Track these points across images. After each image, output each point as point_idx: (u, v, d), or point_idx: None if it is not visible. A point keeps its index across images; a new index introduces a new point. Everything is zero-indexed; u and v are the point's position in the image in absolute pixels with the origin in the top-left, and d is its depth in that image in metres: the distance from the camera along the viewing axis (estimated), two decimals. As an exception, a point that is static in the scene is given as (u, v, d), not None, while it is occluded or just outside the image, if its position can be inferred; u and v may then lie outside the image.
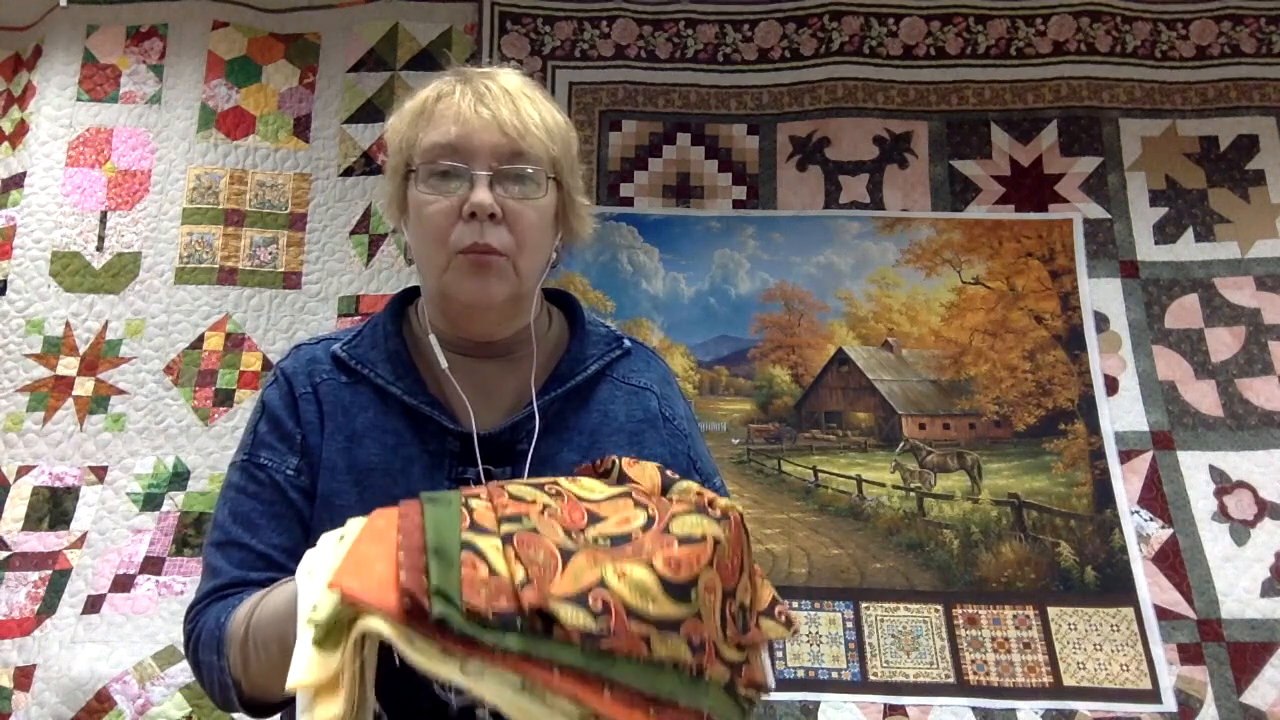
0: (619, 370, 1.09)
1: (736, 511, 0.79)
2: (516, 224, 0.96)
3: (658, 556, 0.71)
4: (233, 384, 2.34)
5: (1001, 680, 2.02)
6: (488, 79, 0.99)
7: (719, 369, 2.43)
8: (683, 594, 0.70)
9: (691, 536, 0.74)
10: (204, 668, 0.91)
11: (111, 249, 2.42)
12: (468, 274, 0.95)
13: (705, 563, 0.72)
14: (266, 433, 1.01)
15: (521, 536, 0.71)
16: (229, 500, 1.00)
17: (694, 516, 0.77)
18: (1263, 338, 2.33)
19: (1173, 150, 2.51)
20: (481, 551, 0.69)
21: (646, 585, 0.69)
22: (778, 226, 2.52)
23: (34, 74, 2.56)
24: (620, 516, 0.77)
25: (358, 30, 2.61)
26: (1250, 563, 2.11)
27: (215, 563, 0.97)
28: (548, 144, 0.98)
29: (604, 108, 2.60)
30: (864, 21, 2.61)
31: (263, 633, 0.84)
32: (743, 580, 0.79)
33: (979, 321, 2.43)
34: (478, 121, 0.95)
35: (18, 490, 2.22)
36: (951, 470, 2.29)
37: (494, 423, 1.01)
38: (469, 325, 1.03)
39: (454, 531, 0.70)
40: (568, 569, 0.69)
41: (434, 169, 0.96)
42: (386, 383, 1.01)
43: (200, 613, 0.94)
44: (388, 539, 0.71)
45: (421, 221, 0.97)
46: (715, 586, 0.73)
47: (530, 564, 0.68)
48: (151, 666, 1.99)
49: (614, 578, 0.69)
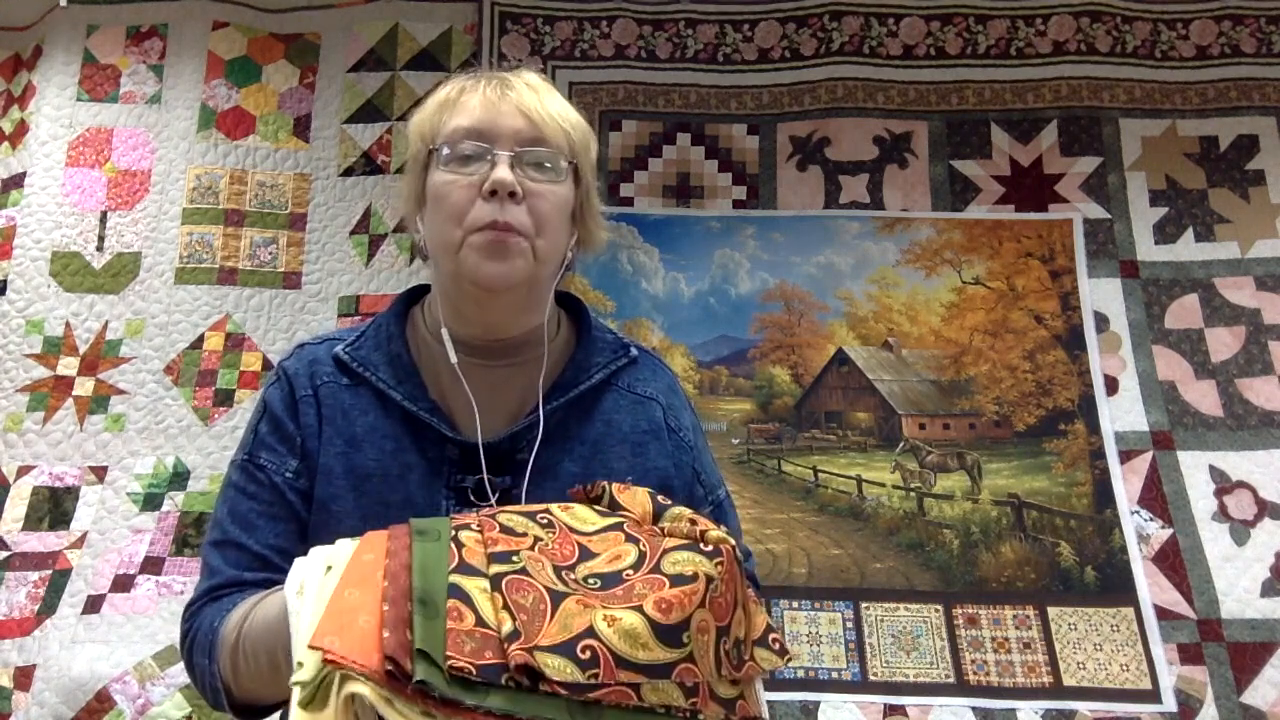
0: (624, 379, 1.08)
1: (728, 544, 0.78)
2: (536, 205, 0.96)
3: (649, 600, 0.71)
4: (233, 384, 2.34)
5: (1001, 680, 2.02)
6: (511, 74, 1.02)
7: (719, 369, 2.43)
8: (675, 637, 0.70)
9: (683, 575, 0.74)
10: (197, 669, 0.92)
11: (111, 249, 2.42)
12: (485, 253, 0.94)
13: (697, 603, 0.72)
14: (267, 433, 1.01)
15: (511, 580, 0.71)
16: (228, 499, 1.00)
17: (686, 553, 0.77)
18: (1263, 338, 2.33)
19: (1173, 150, 2.51)
20: (469, 597, 0.69)
21: (637, 631, 0.68)
22: (778, 226, 2.52)
23: (34, 74, 2.56)
24: (611, 553, 0.77)
25: (358, 30, 2.61)
26: (1250, 563, 2.11)
27: (212, 562, 0.97)
28: (569, 132, 1.00)
29: (604, 108, 2.60)
30: (864, 21, 2.61)
31: (253, 644, 0.85)
32: (736, 614, 0.78)
33: (979, 321, 2.43)
34: (503, 105, 0.97)
35: (18, 490, 2.22)
36: (951, 470, 2.29)
37: (495, 429, 1.00)
38: (482, 314, 1.01)
39: (441, 574, 0.70)
40: (557, 615, 0.69)
41: (456, 151, 0.96)
42: (388, 387, 1.00)
43: (196, 613, 0.94)
44: (373, 582, 0.71)
45: (440, 201, 0.97)
46: (709, 626, 0.73)
47: (519, 611, 0.68)
48: (151, 666, 1.99)
49: (604, 624, 0.68)
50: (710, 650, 0.73)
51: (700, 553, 0.77)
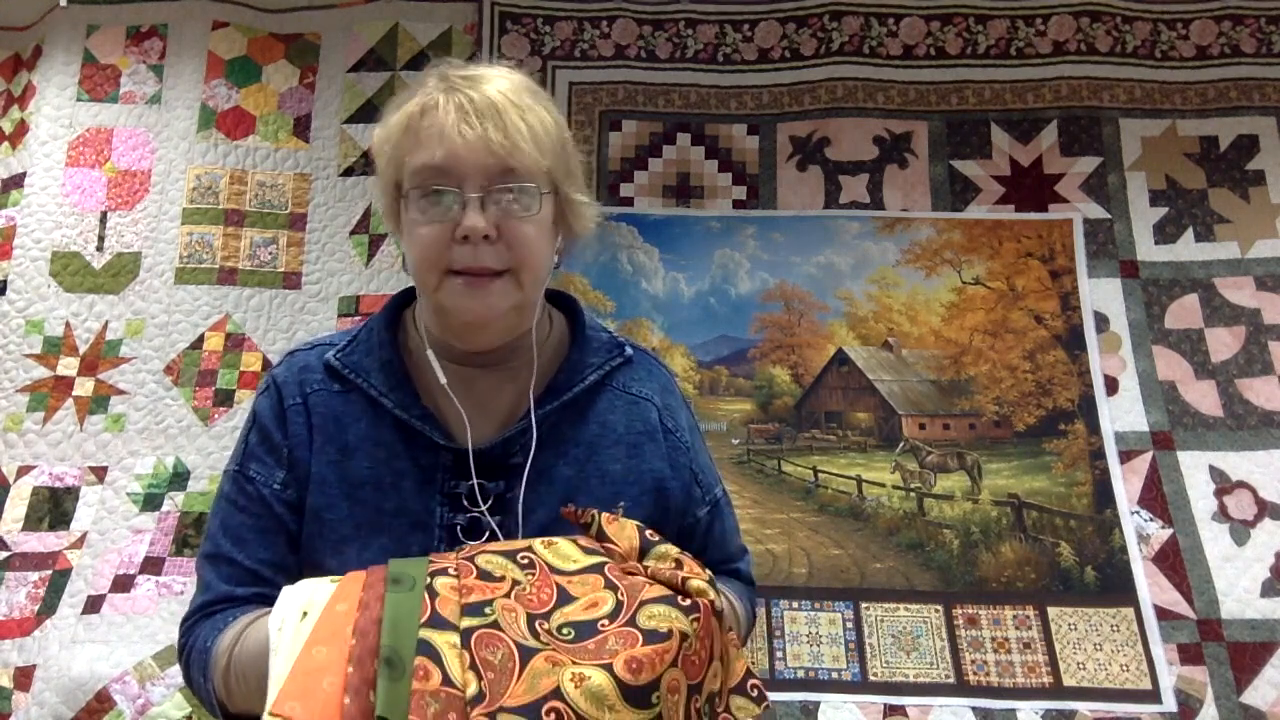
0: (619, 379, 1.07)
1: (708, 598, 0.78)
2: (514, 241, 0.93)
3: (619, 658, 0.71)
4: (233, 384, 2.34)
5: (1001, 680, 2.02)
6: (472, 88, 0.94)
7: (719, 369, 2.43)
8: (643, 699, 0.70)
9: (657, 632, 0.73)
10: (194, 684, 0.96)
11: (111, 249, 2.42)
12: (464, 295, 0.94)
13: (669, 662, 0.72)
14: (256, 444, 1.02)
15: (481, 635, 0.71)
16: (220, 511, 1.02)
17: (662, 607, 0.76)
18: (1263, 338, 2.33)
19: (1173, 150, 2.51)
20: (438, 653, 0.69)
21: (604, 693, 0.69)
22: (778, 226, 2.52)
23: (34, 74, 2.55)
24: (589, 599, 0.77)
25: (358, 30, 2.61)
26: (1250, 563, 2.11)
27: (205, 576, 0.99)
28: (538, 158, 0.94)
29: (604, 108, 2.60)
30: (864, 21, 2.61)
31: (241, 669, 0.88)
32: (711, 668, 0.78)
33: (979, 321, 2.43)
34: (462, 142, 0.91)
35: (18, 490, 2.22)
36: (951, 470, 2.29)
37: (489, 435, 0.99)
38: (469, 338, 1.01)
39: (411, 629, 0.71)
40: (525, 674, 0.69)
41: (424, 191, 0.93)
42: (379, 394, 0.99)
43: (191, 629, 0.97)
44: (341, 638, 0.71)
45: (414, 243, 0.95)
46: (679, 686, 0.73)
47: (486, 669, 0.68)
48: (151, 666, 1.99)
49: (570, 685, 0.68)
50: (680, 710, 0.73)
51: (678, 607, 0.77)
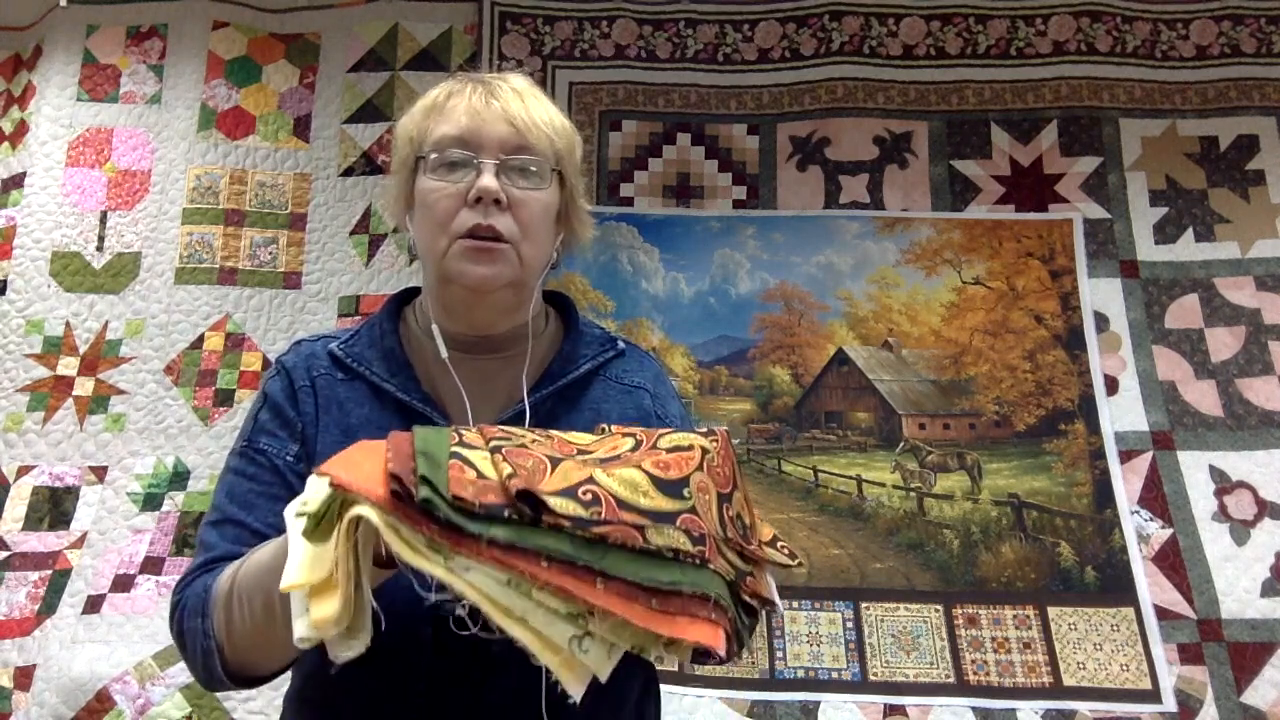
0: (612, 370, 1.11)
1: (724, 429, 0.82)
2: (520, 212, 0.99)
3: (646, 460, 0.72)
4: (233, 384, 2.34)
5: (1001, 680, 2.02)
6: (498, 79, 1.05)
7: (719, 369, 2.43)
8: (675, 490, 0.70)
9: (679, 446, 0.76)
10: (187, 635, 0.90)
11: (111, 249, 2.42)
12: (471, 258, 0.98)
13: (694, 466, 0.73)
14: (268, 420, 1.03)
15: (509, 450, 0.71)
16: (226, 484, 1.01)
17: (680, 434, 0.79)
18: (1263, 338, 2.33)
19: (1173, 150, 2.51)
20: (470, 460, 0.69)
21: (637, 481, 0.69)
22: (778, 226, 2.52)
23: (34, 74, 2.56)
24: (609, 445, 0.79)
25: (358, 30, 2.61)
26: (1250, 563, 2.11)
27: (209, 539, 0.97)
28: (553, 139, 1.02)
29: (604, 108, 2.60)
30: (864, 21, 2.61)
31: (248, 586, 0.84)
32: (737, 494, 0.79)
33: (979, 321, 2.43)
34: (487, 114, 1.00)
35: (18, 490, 2.22)
36: (951, 470, 2.29)
37: (486, 418, 1.02)
38: (469, 314, 1.04)
39: (443, 445, 0.71)
40: (556, 471, 0.69)
41: (443, 159, 1.00)
42: (381, 379, 1.03)
43: (188, 585, 0.94)
44: (377, 449, 0.71)
45: (428, 208, 1.00)
46: (708, 488, 0.74)
47: (519, 468, 0.68)
48: (151, 666, 1.99)
49: (603, 475, 0.69)
50: (713, 510, 0.73)
51: (695, 432, 0.80)
